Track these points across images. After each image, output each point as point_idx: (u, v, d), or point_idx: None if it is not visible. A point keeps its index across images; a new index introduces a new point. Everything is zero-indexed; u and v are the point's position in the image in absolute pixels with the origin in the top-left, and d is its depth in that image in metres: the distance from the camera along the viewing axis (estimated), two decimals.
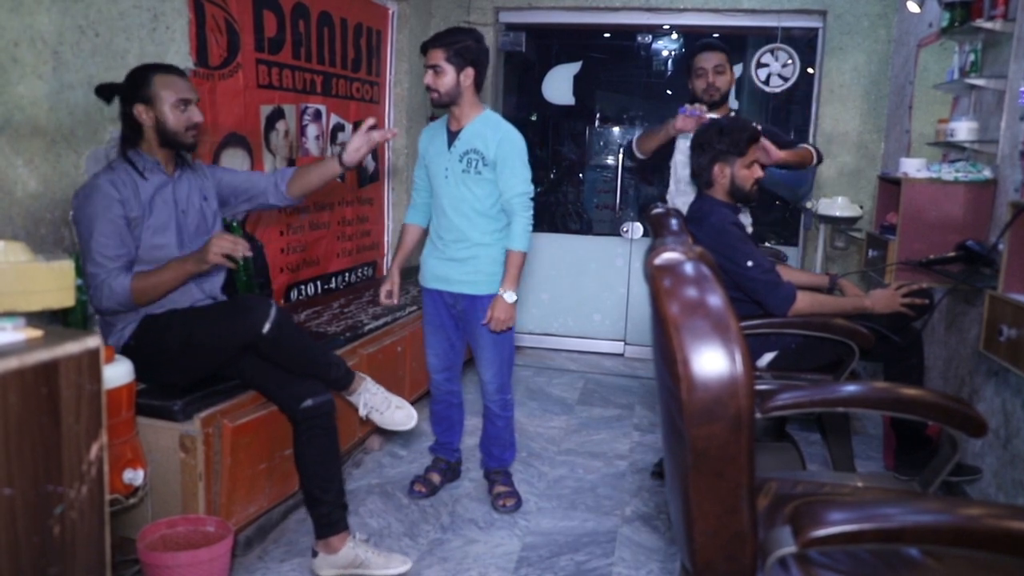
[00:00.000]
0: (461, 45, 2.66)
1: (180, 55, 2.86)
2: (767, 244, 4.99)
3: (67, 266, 1.80)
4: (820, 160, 3.23)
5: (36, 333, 1.29)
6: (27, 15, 2.22)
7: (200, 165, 2.62)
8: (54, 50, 2.34)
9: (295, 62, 3.69)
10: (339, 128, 4.14)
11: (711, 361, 1.20)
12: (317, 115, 3.93)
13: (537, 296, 5.22)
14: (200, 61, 3.02)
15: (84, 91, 2.45)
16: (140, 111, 2.30)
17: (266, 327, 2.24)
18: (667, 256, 1.32)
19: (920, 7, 3.77)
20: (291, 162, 3.72)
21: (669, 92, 5.59)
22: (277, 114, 3.60)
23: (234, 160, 3.31)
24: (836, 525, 1.17)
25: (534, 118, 5.73)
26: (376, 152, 4.57)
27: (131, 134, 2.35)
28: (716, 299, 1.24)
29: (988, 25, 2.89)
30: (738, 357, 1.19)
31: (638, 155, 3.30)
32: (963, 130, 3.06)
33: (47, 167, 2.35)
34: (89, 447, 1.26)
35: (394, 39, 4.66)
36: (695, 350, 1.20)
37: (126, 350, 2.32)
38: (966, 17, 3.04)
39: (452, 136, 2.78)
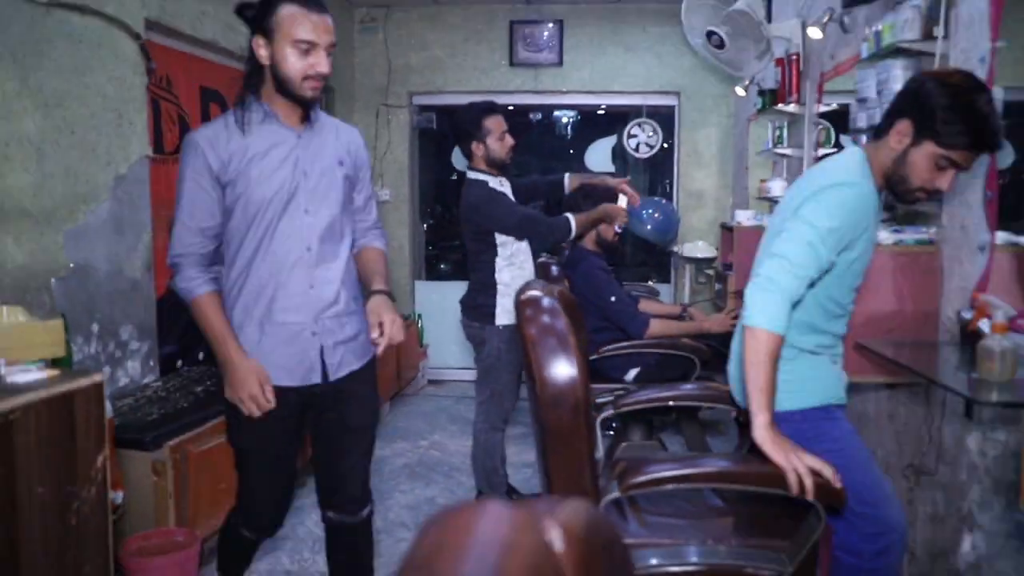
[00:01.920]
0: None
1: (141, 145, 3.13)
2: (649, 283, 5.49)
3: (58, 324, 2.09)
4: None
5: (55, 372, 1.55)
6: (16, 121, 2.48)
7: (347, 130, 2.01)
8: (38, 147, 2.59)
9: None
10: None
11: (557, 367, 1.57)
12: None
13: (456, 334, 5.54)
14: (157, 149, 3.29)
15: (62, 179, 2.70)
16: (258, 44, 1.74)
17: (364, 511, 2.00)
18: (530, 293, 1.71)
19: (745, 91, 4.36)
20: None
21: (557, 160, 6.08)
22: None
23: None
24: (647, 474, 1.54)
25: (445, 185, 6.11)
26: None
27: (252, 73, 1.78)
28: (561, 324, 1.62)
29: (788, 108, 3.44)
30: (575, 363, 1.57)
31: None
32: (776, 187, 3.59)
33: (32, 244, 2.58)
34: (96, 458, 1.51)
35: None
36: (546, 359, 1.58)
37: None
38: (773, 101, 3.60)
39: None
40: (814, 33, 3.22)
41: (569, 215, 2.84)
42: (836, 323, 1.78)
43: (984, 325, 1.85)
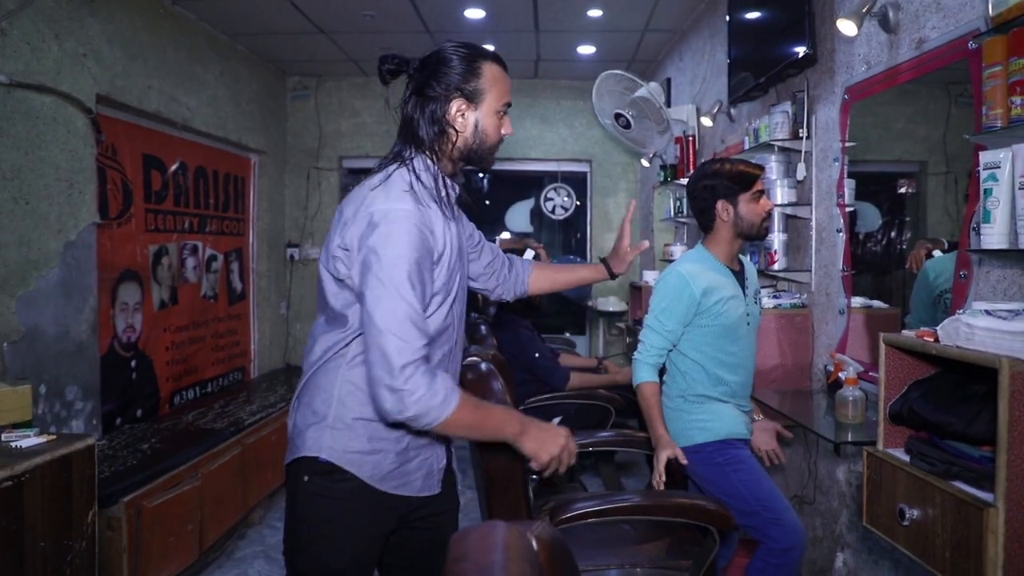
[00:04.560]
0: None
1: (89, 212, 3.26)
2: (566, 334, 5.85)
3: (27, 390, 2.24)
4: None
5: (52, 436, 1.70)
6: None
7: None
8: None
9: (176, 208, 4.13)
10: (212, 259, 4.57)
11: None
12: (194, 249, 4.35)
13: None
14: (103, 215, 3.42)
15: (15, 248, 2.81)
16: (460, 109, 1.46)
17: None
18: (470, 359, 1.98)
19: (649, 163, 4.83)
20: (173, 291, 4.10)
21: (480, 221, 6.42)
22: (162, 252, 4.00)
23: (128, 292, 3.67)
24: (573, 511, 1.82)
25: None
26: (243, 274, 5.00)
27: (435, 136, 1.46)
28: (498, 385, 1.90)
29: (683, 181, 3.88)
30: None
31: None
32: (677, 252, 4.01)
33: None
34: (87, 514, 1.66)
35: (256, 183, 5.17)
36: None
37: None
38: (674, 175, 4.05)
39: (739, 277, 2.25)
40: (706, 121, 3.69)
41: None
42: (733, 373, 2.22)
43: (843, 375, 2.24)
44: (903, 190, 2.57)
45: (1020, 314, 1.32)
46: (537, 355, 3.26)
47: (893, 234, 2.61)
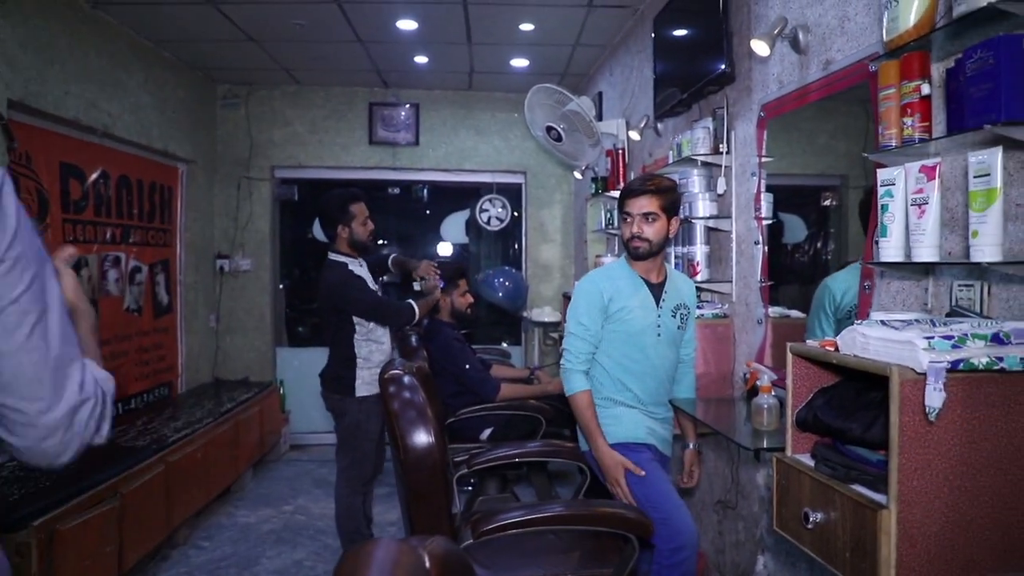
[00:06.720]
0: (675, 195, 2.34)
1: None
2: (502, 345, 5.86)
3: None
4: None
5: None
6: None
7: None
8: None
9: (97, 218, 3.99)
10: (136, 270, 4.42)
11: (417, 435, 1.84)
12: (116, 261, 4.20)
13: (318, 399, 5.60)
14: None
15: None
16: None
17: None
18: (392, 372, 1.97)
19: (582, 175, 4.90)
20: (93, 303, 3.94)
21: (416, 232, 6.39)
22: (81, 263, 3.85)
23: None
24: (495, 522, 1.83)
25: (304, 251, 6.23)
26: (169, 286, 4.85)
27: None
28: (419, 398, 1.90)
29: (614, 194, 3.95)
30: (432, 432, 1.84)
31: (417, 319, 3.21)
32: (609, 261, 4.07)
33: None
34: None
35: (184, 193, 5.03)
36: (408, 429, 1.84)
37: None
38: (604, 188, 4.11)
39: (656, 289, 2.37)
40: (634, 135, 3.77)
41: (412, 302, 3.13)
42: (639, 381, 2.35)
43: (759, 383, 2.31)
44: (826, 203, 2.67)
45: (911, 324, 1.39)
46: (467, 367, 3.27)
47: (819, 245, 2.71)
